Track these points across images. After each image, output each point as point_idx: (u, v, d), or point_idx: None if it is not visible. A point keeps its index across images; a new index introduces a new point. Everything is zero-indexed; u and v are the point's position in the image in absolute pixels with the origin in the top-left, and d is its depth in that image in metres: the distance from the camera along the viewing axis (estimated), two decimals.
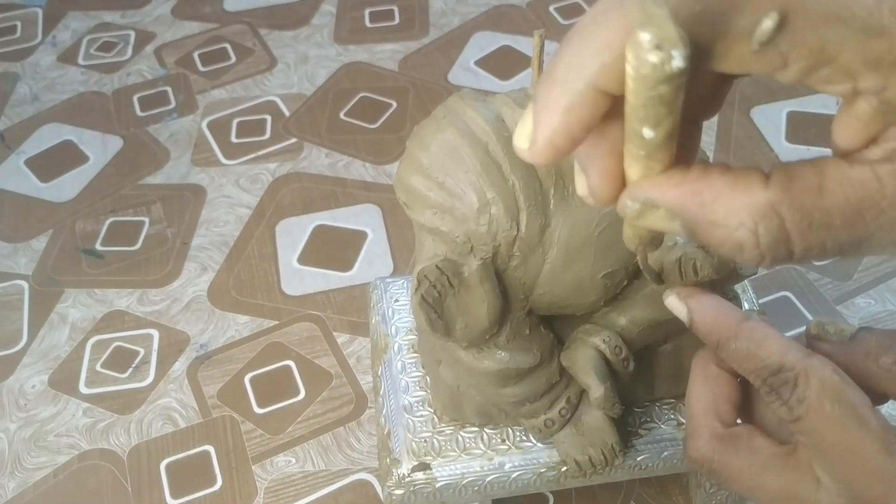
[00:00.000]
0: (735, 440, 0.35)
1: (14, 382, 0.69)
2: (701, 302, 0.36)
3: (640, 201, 0.26)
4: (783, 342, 0.34)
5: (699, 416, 0.36)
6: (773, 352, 0.33)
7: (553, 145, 0.26)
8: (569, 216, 0.40)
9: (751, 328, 0.34)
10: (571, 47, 0.25)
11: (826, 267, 0.72)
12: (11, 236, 0.82)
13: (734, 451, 0.35)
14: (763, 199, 0.25)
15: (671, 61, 0.22)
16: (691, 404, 0.37)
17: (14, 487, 0.63)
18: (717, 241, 0.26)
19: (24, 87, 0.99)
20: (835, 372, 0.33)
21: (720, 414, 0.36)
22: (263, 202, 0.83)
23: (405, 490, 0.48)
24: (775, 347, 0.33)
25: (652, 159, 0.25)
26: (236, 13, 1.08)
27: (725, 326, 0.35)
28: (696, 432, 0.36)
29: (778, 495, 0.34)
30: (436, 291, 0.40)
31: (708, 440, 0.36)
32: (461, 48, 0.99)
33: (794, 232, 0.25)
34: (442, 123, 0.41)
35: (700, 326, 0.36)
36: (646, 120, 0.24)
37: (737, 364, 0.35)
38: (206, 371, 0.69)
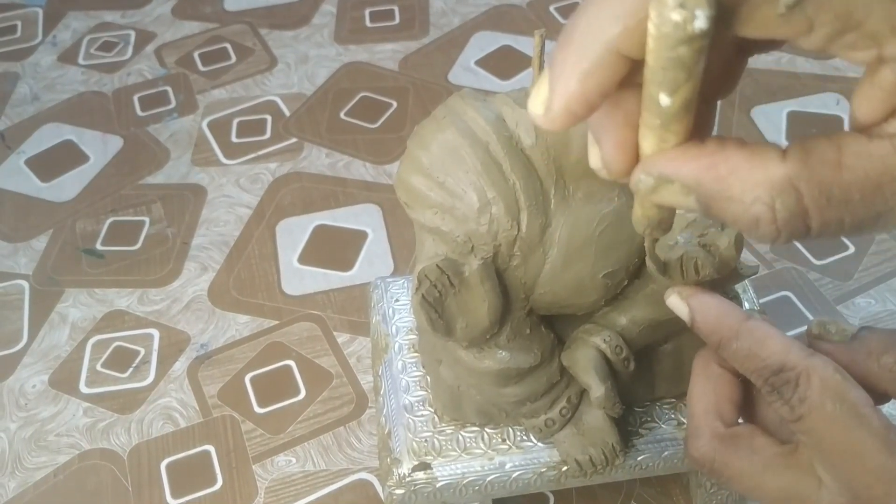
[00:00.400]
0: (736, 440, 0.35)
1: (14, 382, 0.69)
2: (702, 301, 0.36)
3: (654, 175, 0.26)
4: (785, 341, 0.34)
5: (700, 416, 0.36)
6: (775, 351, 0.33)
7: (569, 111, 0.25)
8: (569, 216, 0.40)
9: (752, 328, 0.34)
10: (591, 9, 0.24)
11: (827, 267, 0.72)
12: (12, 236, 0.82)
13: (735, 450, 0.35)
14: (781, 173, 0.25)
15: (694, 21, 0.21)
16: (692, 404, 0.37)
17: (14, 487, 0.63)
18: (733, 217, 0.25)
19: (24, 87, 0.99)
20: (836, 371, 0.33)
21: (721, 413, 0.36)
22: (264, 202, 0.83)
23: (406, 490, 0.48)
24: (777, 347, 0.33)
25: (667, 130, 0.25)
26: (236, 13, 1.08)
27: (727, 326, 0.35)
28: (698, 432, 0.36)
29: (779, 495, 0.34)
30: (436, 291, 0.40)
31: (709, 440, 0.36)
32: (461, 48, 0.99)
33: (812, 207, 0.25)
34: (442, 123, 0.41)
35: (701, 326, 0.36)
36: (663, 84, 0.23)
37: (738, 364, 0.35)
38: (206, 371, 0.69)
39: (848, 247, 0.73)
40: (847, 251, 0.73)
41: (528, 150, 0.40)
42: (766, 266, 0.72)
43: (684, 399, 0.50)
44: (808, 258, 0.73)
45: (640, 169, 0.26)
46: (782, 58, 0.93)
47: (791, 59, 0.93)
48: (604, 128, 0.27)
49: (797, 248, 0.74)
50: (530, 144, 0.40)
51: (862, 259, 0.72)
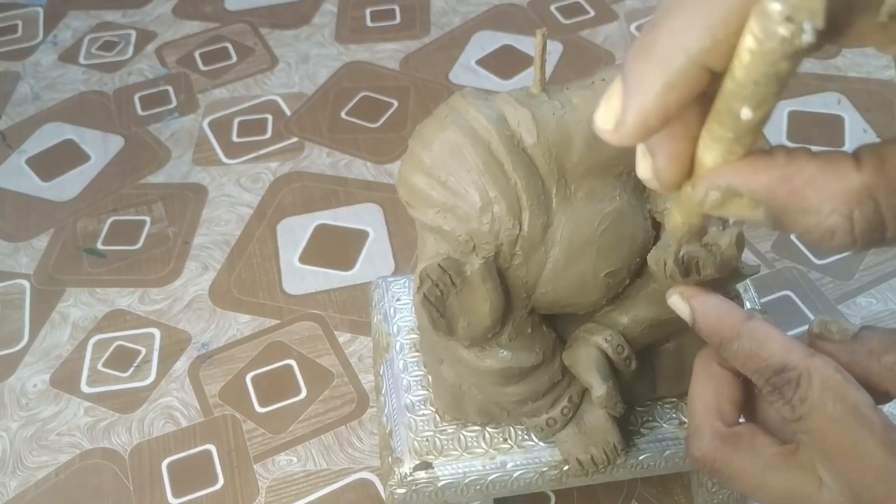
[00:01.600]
0: (737, 439, 0.35)
1: (16, 382, 0.69)
2: (704, 302, 0.36)
3: (721, 189, 0.25)
4: (786, 341, 0.34)
5: (701, 416, 0.36)
6: (776, 351, 0.33)
7: (646, 125, 0.24)
8: (571, 215, 0.40)
9: (753, 328, 0.34)
10: (674, 20, 0.23)
11: (828, 266, 0.72)
12: (13, 235, 0.82)
13: (736, 450, 0.35)
14: (858, 182, 0.24)
15: (801, 35, 0.20)
16: (693, 403, 0.37)
17: (16, 486, 0.63)
18: (805, 228, 0.25)
19: (25, 87, 0.99)
20: (837, 371, 0.33)
21: (722, 413, 0.36)
22: (265, 201, 0.83)
23: (407, 489, 0.48)
24: (777, 347, 0.33)
25: (737, 143, 0.24)
26: (237, 12, 1.08)
27: (728, 326, 0.35)
28: (699, 431, 0.36)
29: (780, 494, 0.34)
30: (438, 290, 0.40)
31: (710, 439, 0.36)
32: (462, 47, 0.99)
33: (889, 217, 0.24)
34: (444, 122, 0.41)
35: (702, 326, 0.36)
36: (749, 98, 0.22)
37: (739, 364, 0.35)
38: (207, 370, 0.69)
39: None
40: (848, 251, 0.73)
41: (529, 149, 0.40)
42: (768, 265, 0.72)
43: (686, 398, 0.50)
44: (809, 257, 0.73)
45: (706, 182, 0.25)
46: None
47: None
48: (660, 139, 0.26)
49: (798, 248, 0.74)
50: (532, 143, 0.40)
51: (863, 258, 0.72)
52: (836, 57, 0.93)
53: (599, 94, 0.41)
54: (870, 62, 0.92)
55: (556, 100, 0.41)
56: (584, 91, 0.41)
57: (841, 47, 0.24)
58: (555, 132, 0.40)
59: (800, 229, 0.25)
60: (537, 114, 0.40)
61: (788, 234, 0.30)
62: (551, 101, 0.41)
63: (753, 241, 0.74)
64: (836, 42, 0.23)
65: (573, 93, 0.41)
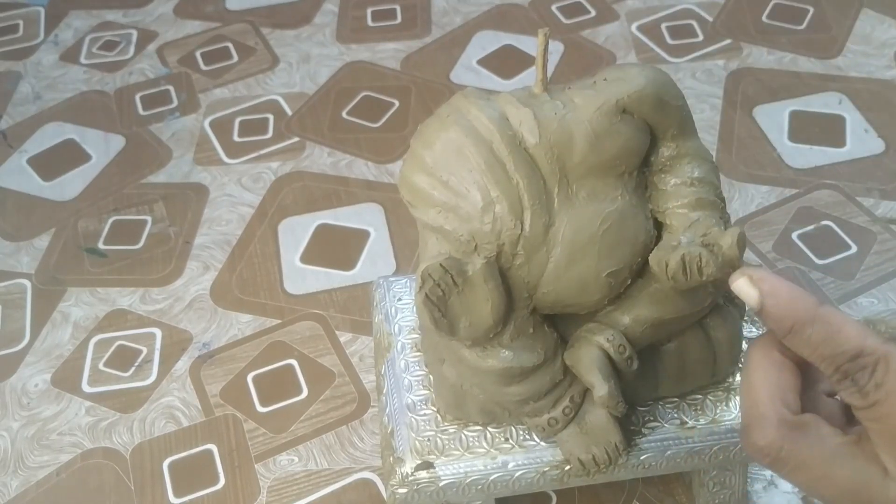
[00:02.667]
0: (805, 427, 0.35)
1: (17, 381, 0.69)
2: (774, 286, 0.35)
3: None
4: (861, 329, 0.33)
5: (766, 403, 0.35)
6: (852, 337, 0.33)
7: None
8: (573, 215, 0.40)
9: (828, 313, 0.34)
10: None
11: (829, 266, 0.72)
12: (14, 235, 0.82)
13: (805, 437, 0.34)
14: None
15: None
16: (755, 391, 0.36)
17: (17, 486, 0.63)
18: None
19: (26, 86, 0.99)
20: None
21: (787, 401, 0.35)
22: (266, 201, 0.83)
23: (408, 489, 0.48)
24: (854, 333, 0.33)
25: None
26: (238, 12, 1.08)
27: (802, 310, 0.34)
28: (763, 419, 0.35)
29: (845, 485, 0.34)
30: (440, 290, 0.40)
31: (777, 426, 0.35)
32: (463, 47, 0.99)
33: None
34: (446, 122, 0.41)
35: (773, 311, 0.35)
36: None
37: (810, 350, 0.34)
38: (208, 370, 0.69)
39: (850, 246, 0.73)
40: (849, 251, 0.73)
41: (531, 149, 0.40)
42: (769, 265, 0.72)
43: (687, 398, 0.50)
44: (810, 258, 0.73)
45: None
46: (784, 57, 0.93)
47: (793, 59, 0.93)
48: None
49: (800, 248, 0.73)
50: (534, 143, 0.40)
51: (864, 258, 0.72)
52: (837, 57, 0.93)
53: (601, 94, 0.41)
54: (871, 62, 0.92)
55: (558, 99, 0.41)
56: (586, 91, 0.41)
57: None
58: (556, 132, 0.40)
59: None
60: (539, 114, 0.40)
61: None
62: (553, 101, 0.41)
63: (755, 242, 0.74)
64: None
65: (575, 93, 0.41)
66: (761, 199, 0.78)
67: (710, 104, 0.88)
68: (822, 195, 0.78)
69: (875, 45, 0.94)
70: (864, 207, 0.77)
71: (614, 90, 0.40)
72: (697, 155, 0.43)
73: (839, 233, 0.75)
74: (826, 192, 0.78)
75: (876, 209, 0.76)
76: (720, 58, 0.94)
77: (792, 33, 0.97)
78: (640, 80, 0.41)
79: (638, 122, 0.41)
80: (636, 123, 0.41)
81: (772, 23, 0.98)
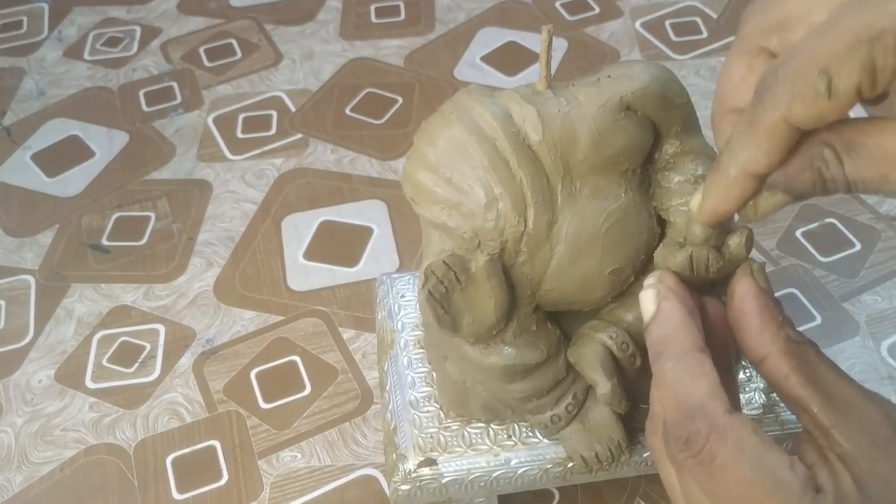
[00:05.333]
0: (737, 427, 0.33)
1: (20, 377, 0.70)
2: (670, 311, 0.35)
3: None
4: (714, 389, 0.33)
5: (705, 395, 0.33)
6: (699, 392, 0.32)
7: (716, 216, 0.35)
8: (576, 212, 0.40)
9: (695, 359, 0.33)
10: (732, 144, 0.32)
11: (833, 264, 0.72)
12: (17, 231, 0.82)
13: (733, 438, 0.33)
14: None
15: None
16: (689, 380, 0.34)
17: (20, 481, 0.63)
18: None
19: (29, 82, 1.00)
20: (755, 432, 0.32)
21: (722, 397, 0.34)
22: (269, 197, 0.83)
23: (411, 485, 0.48)
24: (703, 389, 0.32)
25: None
26: (242, 9, 1.08)
27: (676, 343, 0.34)
28: (699, 410, 0.33)
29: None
30: (443, 287, 0.40)
31: (707, 420, 0.33)
32: (467, 44, 0.99)
33: None
34: (449, 119, 0.41)
35: (653, 333, 0.35)
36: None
37: (662, 385, 0.34)
38: (211, 366, 0.69)
39: (854, 244, 0.73)
40: (853, 248, 0.73)
41: (534, 146, 0.40)
42: (773, 263, 0.72)
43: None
44: (814, 255, 0.73)
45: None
46: None
47: None
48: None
49: (804, 245, 0.73)
50: (537, 140, 0.40)
51: (868, 256, 0.72)
52: None
53: (605, 91, 0.41)
54: None
55: (562, 96, 0.41)
56: (590, 88, 0.41)
57: None
58: (560, 129, 0.40)
59: None
60: (542, 111, 0.40)
61: None
62: (557, 98, 0.41)
63: (759, 239, 0.74)
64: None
65: (578, 89, 0.41)
66: None
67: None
68: None
69: None
70: (868, 205, 0.76)
71: (618, 87, 0.40)
72: (701, 152, 0.43)
73: (843, 230, 0.74)
74: None
75: (880, 206, 0.76)
76: (724, 55, 0.94)
77: None
78: (645, 78, 0.41)
79: (642, 119, 0.41)
80: (640, 120, 0.41)
81: None
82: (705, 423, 0.32)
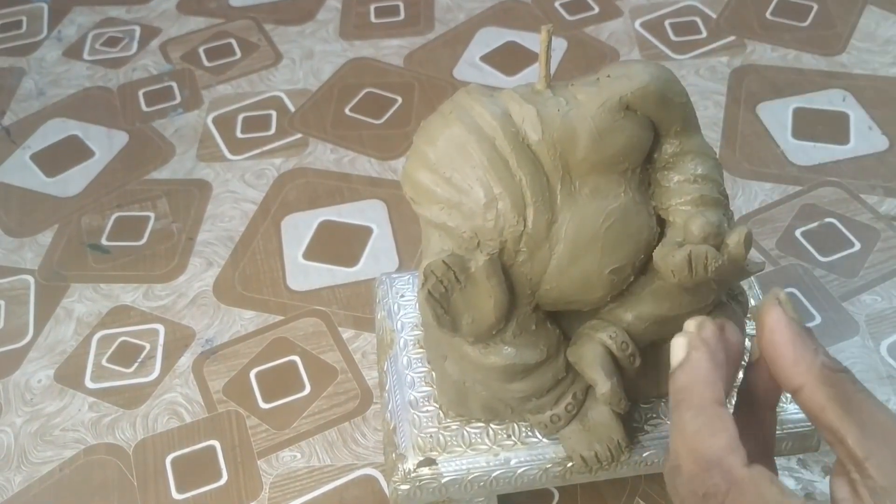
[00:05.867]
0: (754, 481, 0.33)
1: (20, 377, 0.70)
2: (699, 360, 0.35)
3: None
4: (732, 443, 0.33)
5: (723, 447, 0.34)
6: (718, 447, 0.32)
7: None
8: (576, 212, 0.40)
9: (717, 413, 0.33)
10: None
11: (832, 263, 0.72)
12: (17, 231, 0.82)
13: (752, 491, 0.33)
14: None
15: None
16: (706, 432, 0.35)
17: (20, 481, 0.63)
18: None
19: (29, 82, 1.00)
20: (773, 483, 0.32)
21: (739, 449, 0.34)
22: (269, 197, 0.83)
23: (411, 485, 0.48)
24: (721, 443, 0.33)
25: None
26: (241, 8, 1.08)
27: (697, 395, 0.34)
28: (716, 463, 0.33)
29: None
30: (442, 287, 0.40)
31: (725, 474, 0.33)
32: (466, 44, 0.99)
33: None
34: (449, 119, 0.41)
35: (679, 381, 0.35)
36: None
37: (681, 435, 0.34)
38: (211, 366, 0.69)
39: (854, 244, 0.73)
40: (853, 248, 0.73)
41: (534, 145, 0.40)
42: (772, 263, 0.72)
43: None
44: (814, 255, 0.73)
45: None
46: (788, 54, 0.93)
47: (797, 56, 0.93)
48: None
49: (803, 245, 0.73)
50: (537, 140, 0.40)
51: (868, 256, 0.72)
52: (841, 54, 0.92)
53: (604, 91, 0.41)
54: (875, 59, 0.92)
55: (561, 96, 0.41)
56: (589, 87, 0.41)
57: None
58: (559, 129, 0.40)
59: None
60: (542, 110, 0.40)
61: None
62: (556, 98, 0.41)
63: (758, 238, 0.74)
64: None
65: (578, 89, 0.41)
66: (765, 196, 0.78)
67: (713, 101, 0.88)
68: (826, 192, 0.78)
69: (879, 41, 0.94)
70: (868, 205, 0.76)
71: (618, 87, 0.40)
72: (701, 152, 0.43)
73: (843, 230, 0.74)
74: (830, 189, 0.78)
75: (880, 206, 0.76)
76: (724, 55, 0.94)
77: (796, 30, 0.97)
78: (644, 77, 0.41)
79: (641, 118, 0.41)
80: (639, 120, 0.41)
81: (775, 19, 0.98)
82: (723, 478, 0.32)
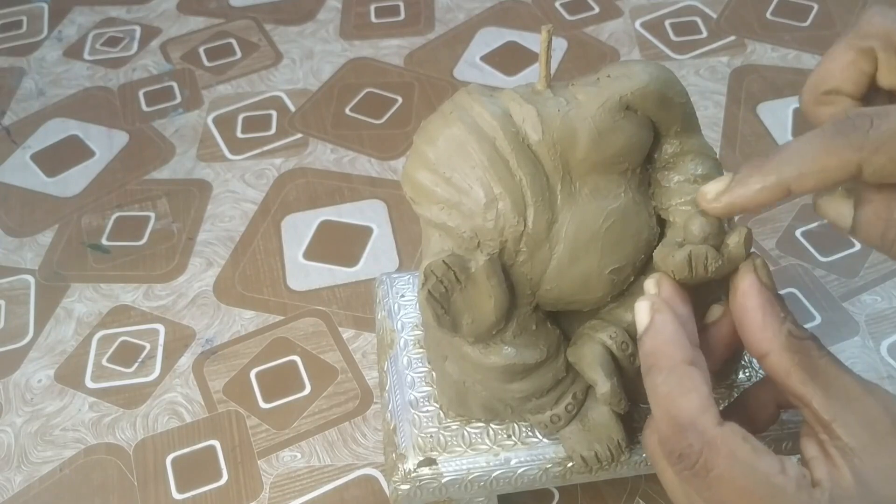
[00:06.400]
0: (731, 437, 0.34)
1: (20, 377, 0.70)
2: (662, 323, 0.36)
3: None
4: (704, 403, 0.33)
5: (696, 409, 0.34)
6: (690, 408, 0.33)
7: (734, 208, 0.35)
8: (576, 212, 0.40)
9: (686, 372, 0.34)
10: (782, 154, 0.33)
11: (833, 263, 0.72)
12: (17, 231, 0.82)
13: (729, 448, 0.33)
14: None
15: None
16: (681, 394, 0.35)
17: (20, 481, 0.63)
18: None
19: (29, 82, 1.00)
20: (746, 440, 0.32)
21: (713, 410, 0.35)
22: (269, 197, 0.83)
23: (411, 485, 0.48)
24: (693, 405, 0.33)
25: None
26: (242, 8, 1.08)
27: (666, 356, 0.34)
28: (692, 424, 0.34)
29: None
30: (442, 287, 0.40)
31: (702, 433, 0.33)
32: (467, 44, 0.99)
33: None
34: (449, 118, 0.41)
35: (646, 345, 0.35)
36: None
37: (654, 399, 0.34)
38: (211, 366, 0.69)
39: (854, 244, 0.73)
40: (853, 248, 0.73)
41: (534, 145, 0.40)
42: (772, 263, 0.72)
43: None
44: (814, 255, 0.73)
45: None
46: (788, 54, 0.93)
47: (797, 56, 0.93)
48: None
49: (803, 245, 0.73)
50: (537, 140, 0.40)
51: (868, 256, 0.72)
52: None
53: (604, 91, 0.41)
54: None
55: (561, 96, 0.41)
56: (589, 87, 0.41)
57: None
58: (560, 129, 0.40)
59: None
60: (542, 110, 0.40)
61: None
62: (556, 98, 0.41)
63: (758, 239, 0.74)
64: None
65: (578, 89, 0.41)
66: None
67: (713, 101, 0.88)
68: None
69: None
70: None
71: (618, 87, 0.40)
72: (701, 152, 0.43)
73: None
74: None
75: None
76: (724, 55, 0.94)
77: (796, 30, 0.97)
78: (644, 77, 0.41)
79: (641, 118, 0.41)
80: (640, 120, 0.41)
81: (776, 19, 0.98)
82: (697, 438, 0.33)
